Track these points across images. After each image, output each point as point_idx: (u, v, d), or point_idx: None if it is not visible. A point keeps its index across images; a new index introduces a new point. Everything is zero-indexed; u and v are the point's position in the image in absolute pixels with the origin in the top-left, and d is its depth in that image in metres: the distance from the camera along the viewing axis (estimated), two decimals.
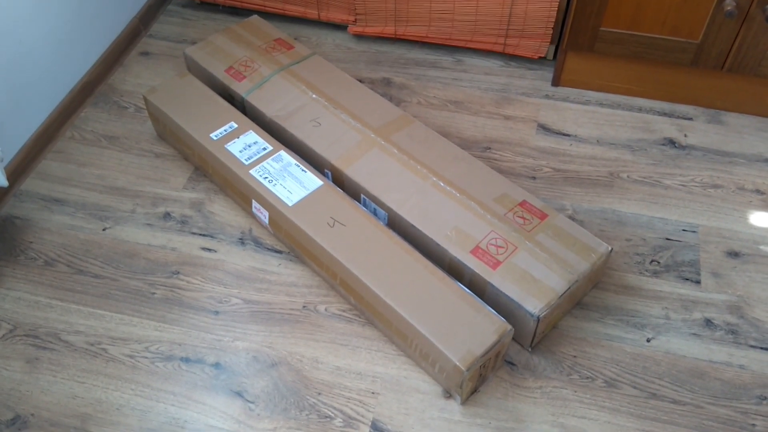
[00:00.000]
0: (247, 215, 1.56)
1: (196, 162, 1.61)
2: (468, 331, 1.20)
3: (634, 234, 1.51)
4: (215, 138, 1.52)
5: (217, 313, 1.39)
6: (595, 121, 1.76)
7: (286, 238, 1.45)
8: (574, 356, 1.32)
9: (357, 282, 1.30)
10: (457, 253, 1.32)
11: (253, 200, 1.46)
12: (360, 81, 1.74)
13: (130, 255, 1.49)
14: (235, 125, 1.55)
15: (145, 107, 1.78)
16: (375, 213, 1.45)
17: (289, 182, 1.43)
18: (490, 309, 1.23)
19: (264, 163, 1.47)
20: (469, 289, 1.31)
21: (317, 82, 1.65)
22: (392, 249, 1.32)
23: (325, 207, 1.39)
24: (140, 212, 1.57)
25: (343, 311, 1.39)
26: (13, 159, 1.62)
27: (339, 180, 1.49)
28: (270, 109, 1.60)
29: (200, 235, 1.52)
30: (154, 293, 1.42)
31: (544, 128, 1.74)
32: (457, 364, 1.16)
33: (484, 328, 1.20)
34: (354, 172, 1.46)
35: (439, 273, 1.29)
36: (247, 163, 1.47)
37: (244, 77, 1.66)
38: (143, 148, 1.71)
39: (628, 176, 1.63)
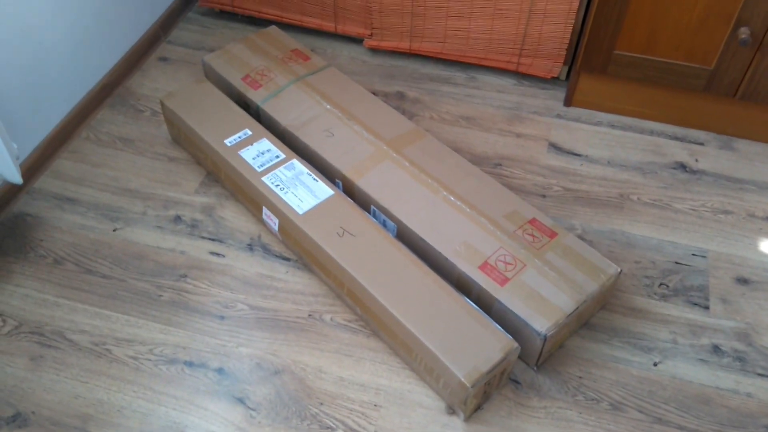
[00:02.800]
0: (256, 221, 1.56)
1: (209, 167, 1.62)
2: (474, 347, 1.19)
3: (643, 256, 1.51)
4: (229, 144, 1.53)
5: (222, 318, 1.39)
6: (607, 143, 1.76)
7: (295, 246, 1.45)
8: (580, 377, 1.31)
9: (364, 292, 1.30)
10: (465, 268, 1.32)
11: (264, 207, 1.47)
12: (374, 94, 1.74)
13: (138, 257, 1.49)
14: (250, 132, 1.56)
15: (161, 111, 1.79)
16: (384, 225, 1.45)
17: (301, 191, 1.44)
18: (497, 326, 1.23)
19: (276, 171, 1.48)
20: (477, 305, 1.31)
21: (332, 93, 1.66)
22: (400, 261, 1.32)
23: (335, 216, 1.40)
24: (151, 214, 1.57)
25: (349, 321, 1.38)
26: (28, 156, 1.63)
27: (350, 190, 1.50)
28: (284, 118, 1.61)
29: (209, 239, 1.53)
30: (161, 296, 1.42)
31: (555, 147, 1.75)
32: (462, 380, 1.16)
33: (491, 345, 1.20)
34: (365, 183, 1.47)
35: (447, 287, 1.28)
36: (259, 170, 1.48)
37: (260, 86, 1.67)
38: (157, 151, 1.72)
39: (638, 198, 1.62)
